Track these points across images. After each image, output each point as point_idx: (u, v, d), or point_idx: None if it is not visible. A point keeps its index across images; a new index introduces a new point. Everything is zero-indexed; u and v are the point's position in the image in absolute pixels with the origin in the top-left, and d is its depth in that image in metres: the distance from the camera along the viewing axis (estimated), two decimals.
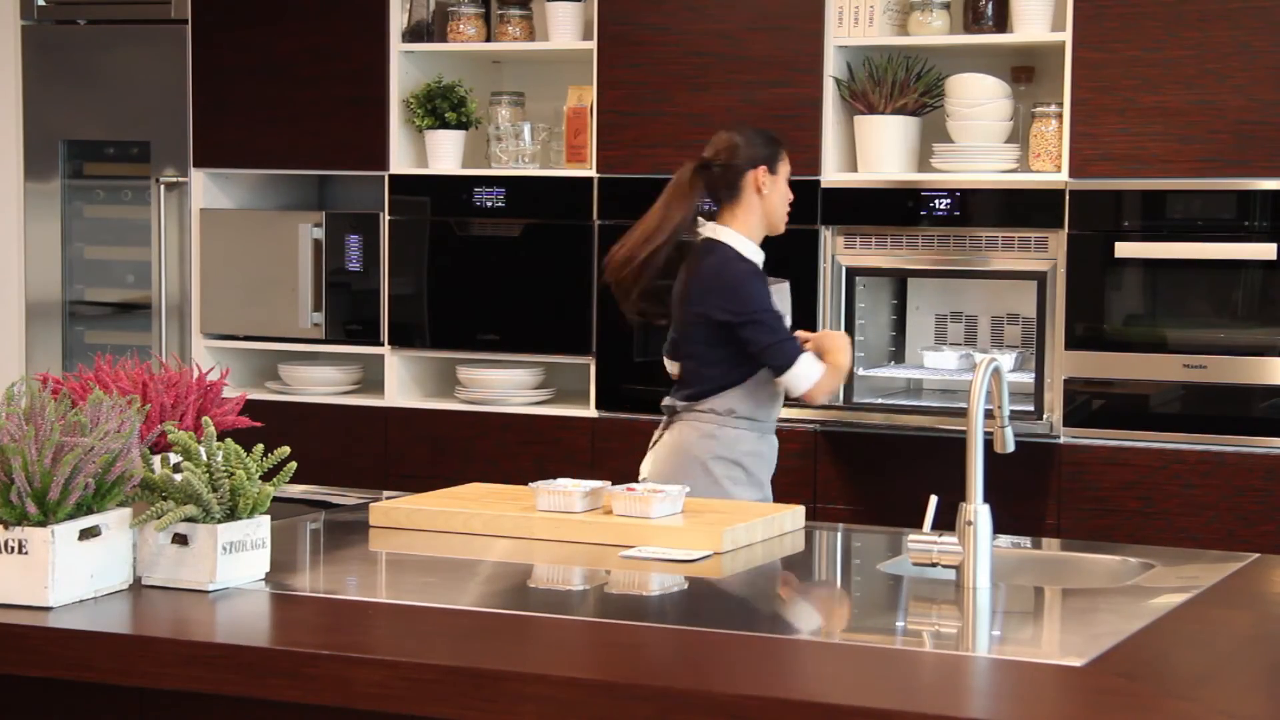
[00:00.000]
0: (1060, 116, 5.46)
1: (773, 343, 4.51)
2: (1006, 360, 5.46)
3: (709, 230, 4.65)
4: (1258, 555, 3.82)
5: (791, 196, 4.71)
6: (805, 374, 4.51)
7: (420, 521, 3.94)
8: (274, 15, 6.27)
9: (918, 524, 3.49)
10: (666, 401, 4.68)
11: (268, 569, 3.38)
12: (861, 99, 5.69)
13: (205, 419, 3.36)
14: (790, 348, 4.52)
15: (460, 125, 6.16)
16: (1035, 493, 5.42)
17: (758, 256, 4.61)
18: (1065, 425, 5.41)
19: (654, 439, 4.71)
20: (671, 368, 4.72)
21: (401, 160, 6.20)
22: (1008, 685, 2.81)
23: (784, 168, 4.68)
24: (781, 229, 4.69)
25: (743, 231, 4.61)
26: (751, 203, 4.63)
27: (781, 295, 4.65)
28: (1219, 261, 5.28)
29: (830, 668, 2.89)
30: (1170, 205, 5.34)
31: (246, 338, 6.44)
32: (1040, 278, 5.43)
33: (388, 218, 6.19)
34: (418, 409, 6.17)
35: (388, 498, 4.24)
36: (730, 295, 4.53)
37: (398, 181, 6.19)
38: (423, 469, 6.03)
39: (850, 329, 5.62)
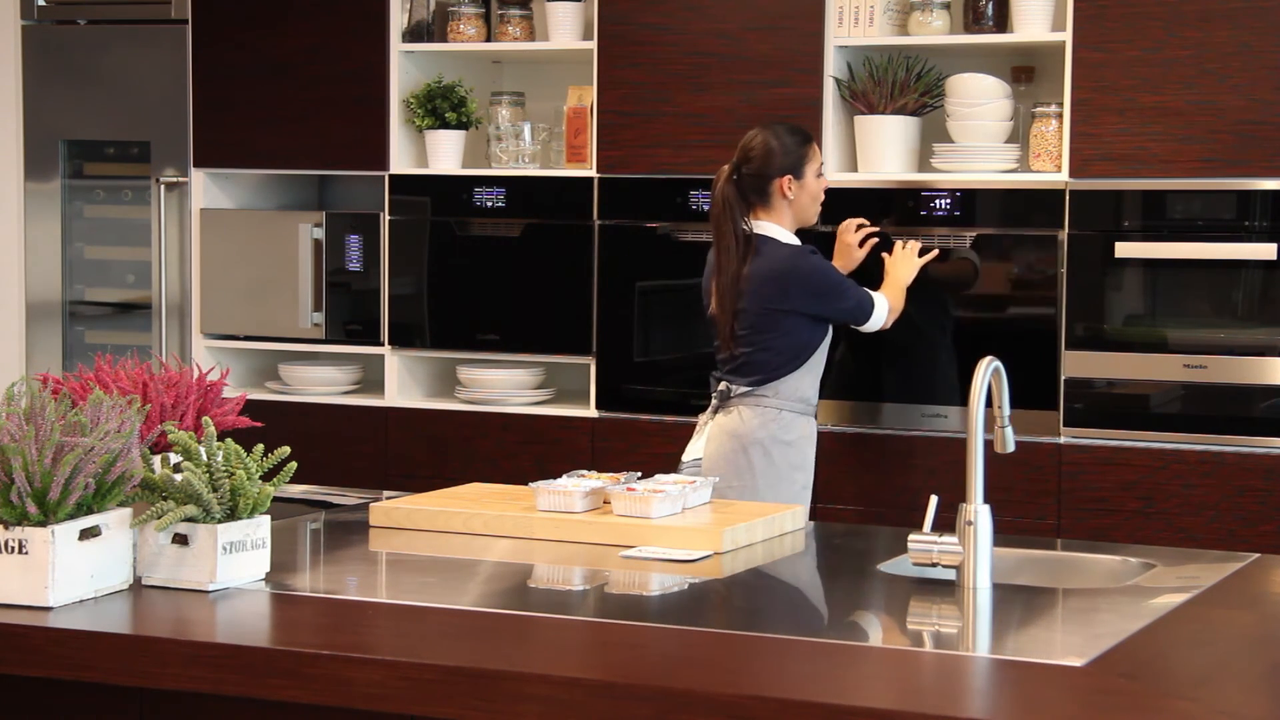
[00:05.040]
0: (1060, 116, 5.47)
1: (850, 305, 4.99)
2: None
3: (755, 226, 4.95)
4: (1258, 555, 3.82)
5: (818, 186, 5.02)
6: (880, 315, 5.05)
7: (420, 521, 3.94)
8: (274, 15, 6.27)
9: (918, 524, 3.49)
10: (722, 386, 4.94)
11: (268, 569, 3.38)
12: (862, 99, 5.69)
13: (205, 419, 3.36)
14: (865, 301, 5.01)
15: (460, 125, 6.17)
16: (1035, 493, 5.42)
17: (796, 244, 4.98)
18: (1065, 425, 5.41)
19: (703, 422, 4.97)
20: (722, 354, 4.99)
21: (401, 160, 6.21)
22: (1008, 685, 2.81)
23: (811, 168, 4.98)
24: (813, 222, 5.08)
25: (782, 224, 4.96)
26: (780, 205, 4.97)
27: None
28: (1219, 261, 5.28)
29: (830, 668, 2.89)
30: (1170, 205, 5.34)
31: (246, 338, 6.44)
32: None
33: (388, 218, 6.19)
34: (418, 409, 6.17)
35: (388, 498, 4.24)
36: (805, 283, 4.90)
37: (398, 181, 6.19)
38: (423, 469, 6.03)
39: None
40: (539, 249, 6.02)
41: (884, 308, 5.07)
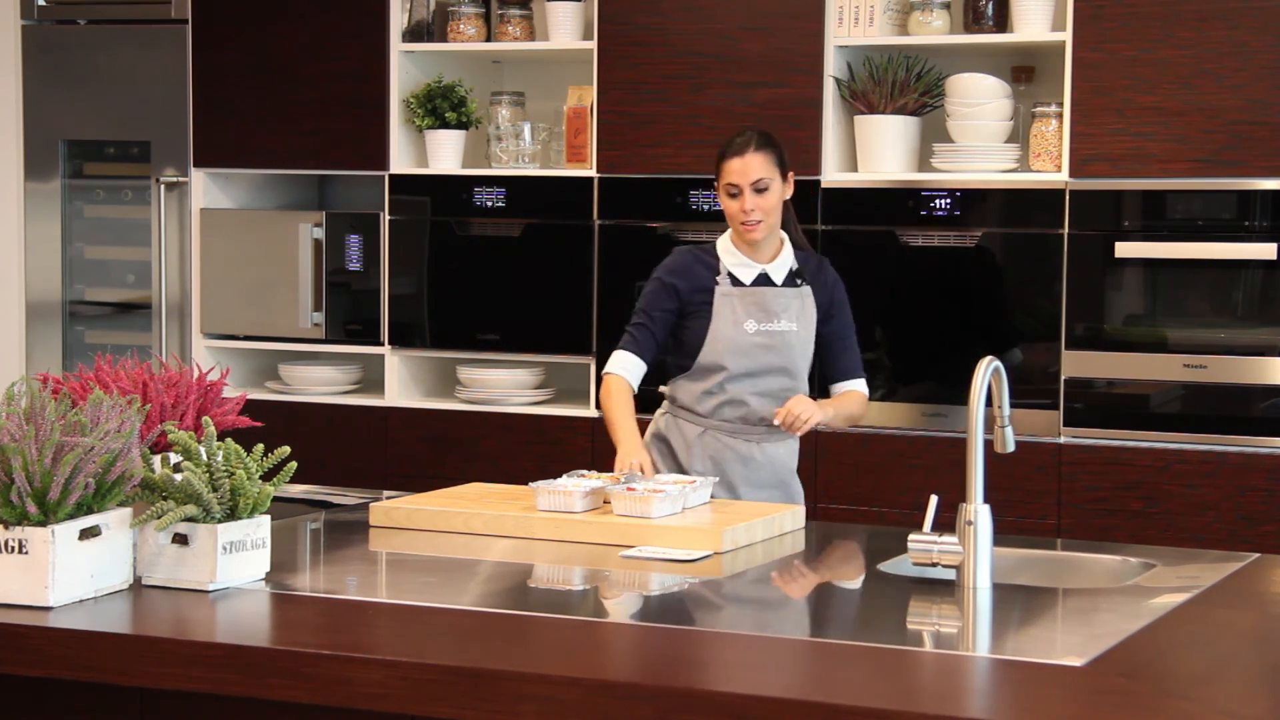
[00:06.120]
0: (1060, 116, 5.47)
1: (630, 323, 4.52)
2: None
3: None
4: (1258, 555, 3.82)
5: (731, 206, 4.41)
6: (608, 365, 4.50)
7: (420, 521, 3.94)
8: (274, 15, 6.28)
9: (918, 524, 3.49)
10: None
11: (268, 569, 3.38)
12: (862, 99, 5.69)
13: (205, 419, 3.36)
14: (623, 337, 4.50)
15: (460, 125, 6.17)
16: (1035, 493, 5.42)
17: (731, 258, 4.47)
18: (1065, 425, 5.41)
19: None
20: None
21: (401, 160, 6.21)
22: (1008, 685, 2.81)
23: (720, 184, 4.44)
24: (744, 239, 4.44)
25: (731, 236, 4.52)
26: None
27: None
28: (1219, 261, 5.28)
29: (830, 668, 2.89)
30: (1170, 205, 5.34)
31: (246, 338, 6.44)
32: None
33: (388, 218, 6.19)
34: (418, 409, 6.17)
35: (388, 498, 4.24)
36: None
37: (398, 181, 6.19)
38: (423, 469, 6.03)
39: None
40: (539, 249, 6.02)
41: (609, 365, 4.49)
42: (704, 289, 4.47)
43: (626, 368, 4.48)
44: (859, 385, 4.58)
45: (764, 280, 4.48)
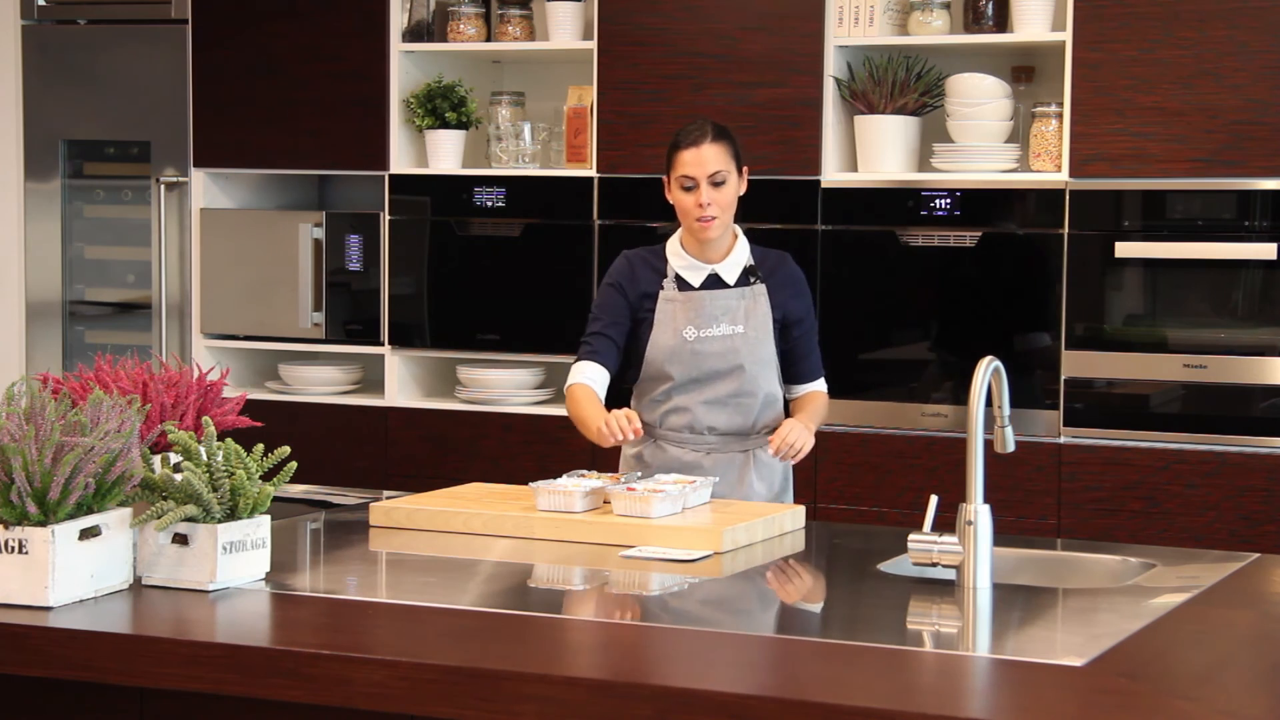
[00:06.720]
0: (1060, 116, 5.47)
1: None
2: None
3: None
4: (1258, 555, 3.83)
5: (686, 200, 4.24)
6: (569, 377, 4.34)
7: (420, 521, 3.94)
8: (274, 15, 6.28)
9: (918, 524, 3.49)
10: None
11: (268, 569, 3.38)
12: (862, 99, 5.69)
13: (205, 419, 3.36)
14: (581, 347, 4.36)
15: (460, 125, 6.17)
16: (1035, 493, 5.42)
17: (679, 260, 4.34)
18: (1065, 425, 5.41)
19: None
20: None
21: (401, 160, 6.21)
22: (1008, 685, 2.81)
23: (672, 177, 4.26)
24: (700, 239, 4.29)
25: (681, 236, 4.38)
26: None
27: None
28: (1219, 261, 5.28)
29: (830, 668, 2.89)
30: (1170, 205, 5.34)
31: (246, 338, 6.44)
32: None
33: (388, 218, 6.19)
34: (418, 409, 6.17)
35: (388, 498, 4.24)
36: None
37: (398, 181, 6.19)
38: (423, 469, 6.03)
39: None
40: (539, 249, 6.02)
41: (571, 376, 4.34)
42: (648, 295, 4.33)
43: (589, 376, 4.31)
44: (820, 385, 4.47)
45: (714, 281, 4.32)
